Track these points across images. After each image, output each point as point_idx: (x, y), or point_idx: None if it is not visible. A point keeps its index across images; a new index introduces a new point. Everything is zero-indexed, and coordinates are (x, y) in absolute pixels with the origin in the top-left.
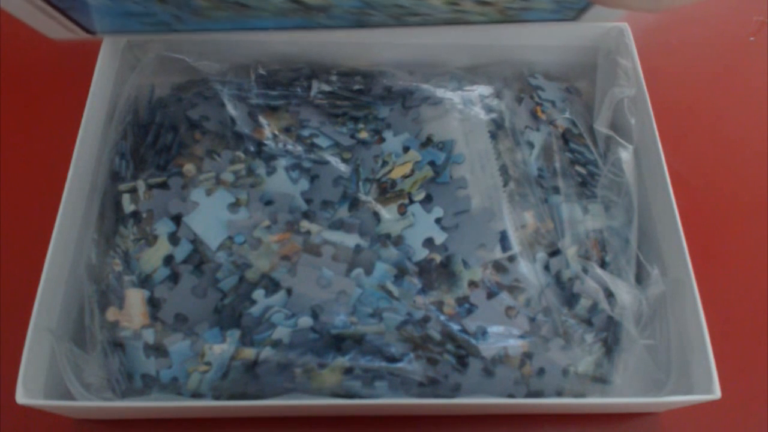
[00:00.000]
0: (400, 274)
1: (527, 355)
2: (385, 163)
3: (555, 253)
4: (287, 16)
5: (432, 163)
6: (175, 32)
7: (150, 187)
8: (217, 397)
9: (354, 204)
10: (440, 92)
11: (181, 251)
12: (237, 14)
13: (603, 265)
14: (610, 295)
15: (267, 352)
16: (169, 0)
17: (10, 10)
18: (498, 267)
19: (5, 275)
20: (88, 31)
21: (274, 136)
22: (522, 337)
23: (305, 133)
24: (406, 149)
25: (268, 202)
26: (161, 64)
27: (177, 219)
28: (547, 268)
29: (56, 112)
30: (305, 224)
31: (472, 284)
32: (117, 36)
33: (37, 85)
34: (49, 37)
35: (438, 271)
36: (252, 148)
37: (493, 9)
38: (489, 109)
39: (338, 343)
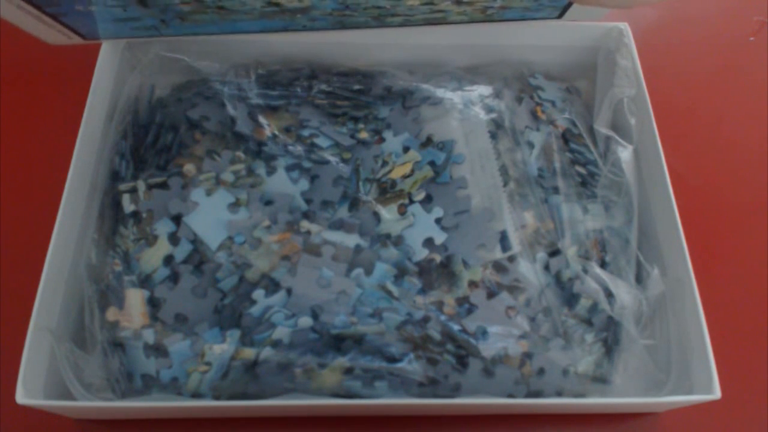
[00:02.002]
0: (400, 274)
1: (527, 355)
2: (385, 163)
3: (555, 253)
4: (269, 18)
5: (432, 163)
6: (163, 36)
7: (150, 187)
8: (217, 397)
9: (354, 204)
10: (440, 92)
11: (181, 251)
12: (220, 18)
13: (603, 265)
14: (610, 295)
15: (267, 352)
16: (151, 4)
17: (6, 17)
18: (498, 267)
19: (5, 275)
20: (83, 36)
21: (274, 136)
22: (522, 337)
23: (305, 133)
24: (406, 149)
25: (268, 202)
26: (161, 64)
27: (177, 219)
28: (547, 268)
29: (56, 112)
30: (305, 224)
31: (472, 284)
32: (111, 40)
33: (37, 85)
34: (46, 42)
35: (438, 271)
36: (252, 148)
37: (472, 8)
38: (489, 109)
39: (338, 343)
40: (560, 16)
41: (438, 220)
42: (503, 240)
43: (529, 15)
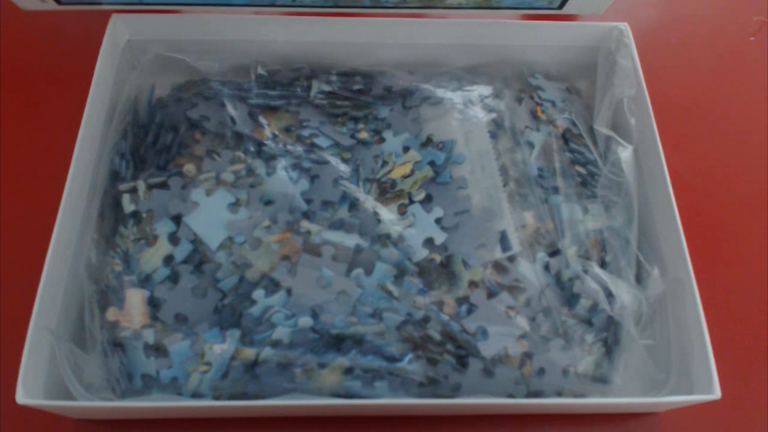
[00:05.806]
0: (400, 274)
1: (527, 355)
2: (385, 163)
3: (555, 253)
4: None
5: (432, 163)
6: (143, 4)
7: (150, 187)
8: (217, 397)
9: (354, 204)
10: (440, 92)
11: (181, 251)
12: None
13: (603, 265)
14: (610, 295)
15: (267, 352)
16: None
17: None
18: (498, 267)
19: (5, 275)
20: (58, 1)
21: (274, 136)
22: (522, 337)
23: (305, 133)
24: (406, 149)
25: (268, 202)
26: (161, 64)
27: (177, 219)
28: (547, 268)
29: (56, 112)
30: (305, 224)
31: (472, 284)
32: (84, 7)
33: (37, 85)
34: (20, 7)
35: (438, 271)
36: (252, 148)
37: None
38: (489, 109)
39: (338, 343)
40: (561, 6)
41: (438, 220)
42: (503, 240)
43: (531, 3)
